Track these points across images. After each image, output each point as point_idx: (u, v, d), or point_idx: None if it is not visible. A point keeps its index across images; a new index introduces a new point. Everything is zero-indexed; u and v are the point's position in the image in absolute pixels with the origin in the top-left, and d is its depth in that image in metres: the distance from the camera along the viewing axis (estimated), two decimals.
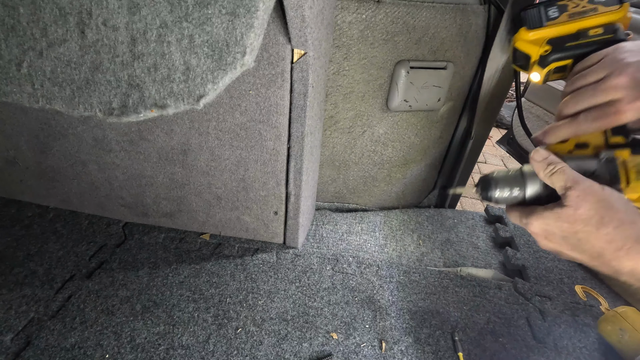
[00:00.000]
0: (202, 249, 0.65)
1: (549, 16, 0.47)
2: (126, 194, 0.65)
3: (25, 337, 0.50)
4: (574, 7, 0.46)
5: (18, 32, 0.33)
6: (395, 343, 0.52)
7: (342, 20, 0.57)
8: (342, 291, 0.60)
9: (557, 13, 0.47)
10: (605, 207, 0.33)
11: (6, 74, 0.35)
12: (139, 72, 0.34)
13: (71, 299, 0.55)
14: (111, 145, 0.58)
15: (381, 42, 0.60)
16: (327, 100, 0.66)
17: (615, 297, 0.65)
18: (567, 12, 0.46)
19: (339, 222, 0.75)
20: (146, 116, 0.36)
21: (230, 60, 0.32)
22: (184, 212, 0.66)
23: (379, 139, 0.72)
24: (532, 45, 0.48)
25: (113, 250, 0.64)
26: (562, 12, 0.46)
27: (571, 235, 0.34)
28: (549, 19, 0.47)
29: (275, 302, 0.57)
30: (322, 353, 0.50)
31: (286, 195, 0.59)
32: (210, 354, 0.49)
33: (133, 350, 0.49)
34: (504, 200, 0.43)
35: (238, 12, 0.30)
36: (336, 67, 0.62)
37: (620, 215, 0.32)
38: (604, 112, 0.37)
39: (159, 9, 0.31)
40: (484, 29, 0.64)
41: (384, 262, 0.66)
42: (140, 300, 0.55)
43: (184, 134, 0.55)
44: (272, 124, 0.51)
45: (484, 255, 0.71)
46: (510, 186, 0.42)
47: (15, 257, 0.61)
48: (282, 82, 0.47)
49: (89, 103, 0.36)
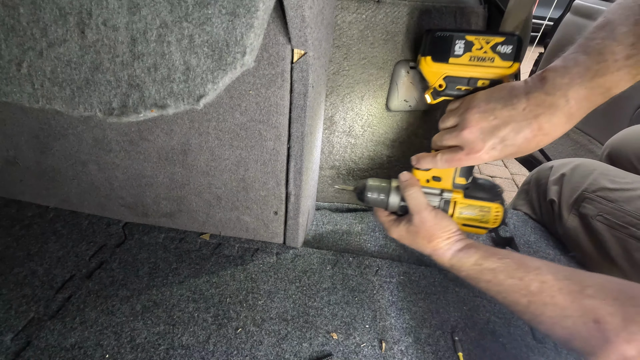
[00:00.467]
0: (202, 249, 0.66)
1: (454, 52, 0.49)
2: (126, 194, 0.65)
3: (25, 337, 0.50)
4: (477, 48, 0.49)
5: (18, 32, 0.33)
6: (395, 343, 0.52)
7: (342, 20, 0.57)
8: (342, 291, 0.60)
9: (462, 51, 0.49)
10: (432, 230, 0.51)
11: (6, 74, 0.35)
12: (139, 72, 0.34)
13: (71, 299, 0.55)
14: (111, 145, 0.58)
15: (381, 42, 0.60)
16: (327, 100, 0.66)
17: None
18: (470, 52, 0.49)
19: (339, 222, 0.75)
20: (146, 116, 0.36)
21: (230, 60, 0.32)
22: (184, 212, 0.66)
23: (379, 139, 0.72)
24: (432, 74, 0.51)
25: (113, 250, 0.64)
26: (466, 51, 0.49)
27: (413, 242, 0.54)
28: (453, 55, 0.49)
29: (275, 302, 0.57)
30: (322, 353, 0.51)
31: (286, 195, 0.59)
32: (210, 354, 0.49)
33: (133, 350, 0.49)
34: (373, 203, 0.58)
35: (238, 12, 0.30)
36: (336, 67, 0.62)
37: (438, 235, 0.51)
38: (452, 156, 0.48)
39: (159, 9, 0.31)
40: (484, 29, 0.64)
41: (384, 262, 0.66)
42: (140, 300, 0.55)
43: (184, 134, 0.55)
44: (272, 124, 0.51)
45: None
46: (378, 193, 0.57)
47: (15, 257, 0.61)
48: (282, 82, 0.47)
49: (89, 103, 0.36)
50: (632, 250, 0.62)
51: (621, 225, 0.64)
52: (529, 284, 0.41)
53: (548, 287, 0.40)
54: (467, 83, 0.50)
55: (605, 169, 0.73)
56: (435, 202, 0.56)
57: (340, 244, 0.70)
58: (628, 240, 0.63)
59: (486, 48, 0.48)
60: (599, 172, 0.72)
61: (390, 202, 0.57)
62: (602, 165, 0.74)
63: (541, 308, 0.41)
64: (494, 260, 0.46)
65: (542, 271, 0.41)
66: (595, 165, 0.75)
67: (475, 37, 0.48)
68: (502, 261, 0.45)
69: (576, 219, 0.72)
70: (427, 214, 0.52)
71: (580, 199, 0.71)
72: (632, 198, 0.65)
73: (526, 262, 0.43)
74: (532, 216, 0.85)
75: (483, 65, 0.49)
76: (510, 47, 0.47)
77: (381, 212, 0.59)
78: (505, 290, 0.44)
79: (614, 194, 0.67)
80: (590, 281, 0.39)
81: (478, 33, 0.48)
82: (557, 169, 0.80)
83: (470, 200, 0.55)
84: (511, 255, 0.45)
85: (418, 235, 0.54)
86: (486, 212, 0.55)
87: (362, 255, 0.68)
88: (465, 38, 0.48)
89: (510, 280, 0.43)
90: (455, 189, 0.56)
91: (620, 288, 0.38)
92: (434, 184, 0.56)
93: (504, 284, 0.44)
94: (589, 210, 0.69)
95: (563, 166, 0.79)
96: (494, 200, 0.55)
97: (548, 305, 0.40)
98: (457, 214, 0.56)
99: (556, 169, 0.80)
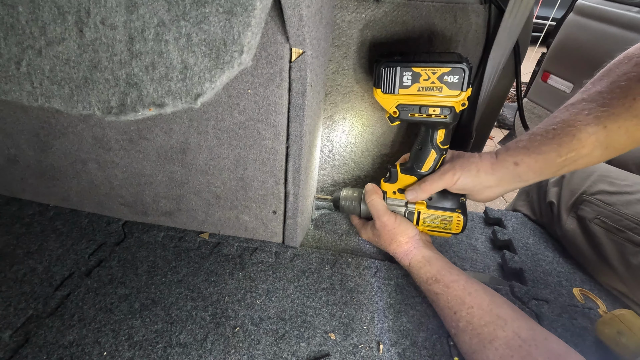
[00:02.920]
0: (201, 247, 0.66)
1: (402, 83, 0.51)
2: (126, 193, 0.65)
3: (23, 334, 0.50)
4: (425, 79, 0.50)
5: (17, 30, 0.34)
6: (392, 345, 0.52)
7: (341, 19, 0.57)
8: (341, 291, 0.60)
9: (410, 82, 0.51)
10: (391, 233, 0.60)
11: (5, 73, 0.36)
12: (137, 71, 0.34)
13: (70, 297, 0.55)
14: (111, 144, 0.59)
15: (381, 42, 0.60)
16: (327, 100, 0.66)
17: (613, 300, 0.65)
18: (418, 82, 0.51)
19: (338, 222, 0.75)
20: (144, 115, 0.36)
21: (227, 59, 0.32)
22: (183, 211, 0.66)
23: (379, 138, 0.72)
24: (385, 103, 0.54)
25: (112, 249, 0.64)
26: (414, 82, 0.51)
27: (378, 243, 0.64)
28: (402, 86, 0.52)
29: (273, 302, 0.57)
30: (319, 353, 0.50)
31: (285, 194, 0.59)
32: (207, 352, 0.49)
33: (131, 347, 0.49)
34: (347, 210, 0.69)
35: (235, 11, 0.30)
36: (335, 67, 0.62)
37: (397, 239, 0.60)
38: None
39: (156, 7, 0.31)
40: (484, 29, 0.64)
41: (382, 263, 0.66)
42: (138, 299, 0.56)
43: (182, 133, 0.55)
44: (271, 123, 0.51)
45: (483, 257, 0.71)
46: (351, 201, 0.67)
47: (15, 254, 0.61)
48: (280, 81, 0.47)
49: (87, 101, 0.36)
50: (628, 254, 0.62)
51: (618, 228, 0.64)
52: (458, 319, 0.48)
53: (470, 329, 0.46)
54: (418, 110, 0.53)
55: (605, 170, 0.72)
56: (401, 212, 0.63)
57: (340, 244, 0.70)
58: (625, 244, 0.63)
59: (433, 78, 0.50)
60: (599, 174, 0.71)
61: (362, 209, 0.66)
62: (603, 166, 0.74)
63: (461, 343, 0.48)
64: (440, 287, 0.52)
65: (474, 310, 0.47)
66: (596, 166, 0.74)
67: (422, 68, 0.49)
68: (448, 289, 0.51)
69: (574, 221, 0.71)
70: (386, 219, 0.60)
71: (578, 201, 0.71)
72: (630, 202, 0.65)
73: (464, 299, 0.49)
74: (532, 217, 0.84)
75: (432, 95, 0.51)
76: (457, 76, 0.49)
77: (354, 218, 0.70)
78: (442, 314, 0.52)
79: (612, 197, 0.67)
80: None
81: (425, 63, 0.49)
82: None
83: (433, 211, 0.61)
84: (457, 284, 0.51)
85: (381, 237, 0.62)
86: (448, 221, 0.61)
87: (361, 255, 0.68)
88: (412, 69, 0.50)
89: (446, 309, 0.51)
90: (418, 201, 0.62)
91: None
92: (400, 196, 0.62)
93: (442, 309, 0.52)
94: (587, 213, 0.69)
95: None
96: (456, 209, 0.60)
97: (466, 343, 0.47)
98: (421, 223, 0.62)
99: None
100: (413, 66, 0.50)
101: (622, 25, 1.40)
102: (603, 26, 1.47)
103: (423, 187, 0.58)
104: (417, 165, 0.59)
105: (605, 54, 0.50)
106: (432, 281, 0.53)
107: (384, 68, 0.51)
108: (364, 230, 0.66)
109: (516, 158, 0.51)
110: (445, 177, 0.56)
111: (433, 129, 0.55)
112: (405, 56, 0.51)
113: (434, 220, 0.61)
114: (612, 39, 1.41)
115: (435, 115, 0.53)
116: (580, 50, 1.55)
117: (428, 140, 0.56)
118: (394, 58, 0.51)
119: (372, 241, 0.66)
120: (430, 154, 0.57)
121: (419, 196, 0.59)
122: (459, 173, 0.55)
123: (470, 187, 0.56)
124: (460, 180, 0.55)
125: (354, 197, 0.67)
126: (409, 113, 0.53)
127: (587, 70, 1.82)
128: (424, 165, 0.58)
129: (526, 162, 0.51)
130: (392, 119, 0.55)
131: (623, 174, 0.71)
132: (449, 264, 0.55)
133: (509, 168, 0.52)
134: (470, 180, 0.55)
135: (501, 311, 0.46)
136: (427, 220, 0.62)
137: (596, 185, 0.70)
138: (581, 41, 1.55)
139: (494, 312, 0.46)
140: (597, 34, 1.48)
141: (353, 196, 0.67)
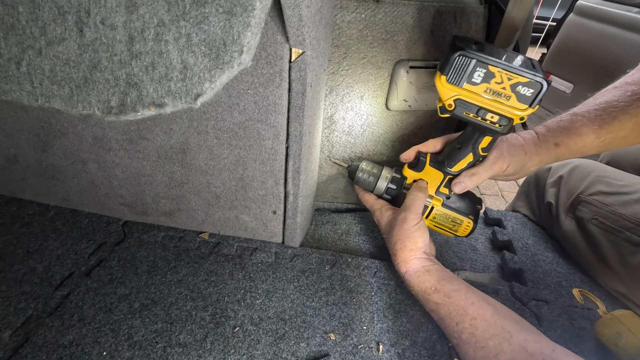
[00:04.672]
0: (201, 247, 0.66)
1: (471, 78, 0.47)
2: (126, 193, 0.65)
3: (23, 334, 0.50)
4: (497, 82, 0.46)
5: (17, 30, 0.34)
6: (392, 345, 0.52)
7: (341, 19, 0.57)
8: (341, 292, 0.60)
9: (480, 80, 0.46)
10: (404, 234, 0.57)
11: (6, 72, 0.36)
12: (137, 71, 0.34)
13: (70, 297, 0.55)
14: (111, 144, 0.59)
15: (380, 42, 0.60)
16: (326, 100, 0.66)
17: (613, 300, 0.65)
18: (488, 83, 0.46)
19: (338, 222, 0.75)
20: (144, 115, 0.36)
21: (227, 59, 0.32)
22: (183, 211, 0.66)
23: (379, 139, 0.72)
24: (443, 92, 0.49)
25: (112, 249, 0.64)
26: (484, 81, 0.46)
27: (384, 232, 0.62)
28: (470, 82, 0.47)
29: (273, 302, 0.57)
30: (319, 353, 0.50)
31: (285, 194, 0.59)
32: (207, 352, 0.49)
33: (130, 347, 0.49)
34: (362, 184, 0.65)
35: (235, 11, 0.30)
36: (335, 67, 0.62)
37: (405, 243, 0.57)
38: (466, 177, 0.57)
39: (156, 7, 0.31)
40: (484, 29, 0.64)
41: (382, 264, 0.66)
42: (138, 298, 0.56)
43: (182, 133, 0.55)
44: (271, 123, 0.51)
45: (482, 258, 0.71)
46: (369, 175, 0.63)
47: (15, 254, 0.61)
48: (280, 81, 0.47)
49: (87, 101, 0.36)
50: (626, 254, 0.62)
51: (616, 229, 0.64)
52: (461, 330, 0.46)
53: (474, 341, 0.45)
54: (476, 112, 0.49)
55: (602, 171, 0.72)
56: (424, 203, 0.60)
57: (339, 244, 0.70)
58: (623, 245, 0.63)
59: (506, 84, 0.45)
60: (596, 175, 0.72)
61: (378, 186, 0.63)
62: (600, 167, 0.74)
63: (463, 354, 0.46)
64: (440, 296, 0.50)
65: (477, 322, 0.46)
66: (593, 167, 0.74)
67: (499, 70, 0.45)
68: (449, 298, 0.50)
69: (572, 222, 0.72)
70: (413, 217, 0.56)
71: (576, 202, 0.71)
72: (627, 202, 0.65)
73: (466, 309, 0.47)
74: (532, 218, 0.84)
75: (497, 101, 0.47)
76: (532, 90, 0.45)
77: (364, 193, 0.67)
78: (442, 324, 0.50)
79: (610, 197, 0.67)
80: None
81: (504, 66, 0.44)
82: (556, 170, 0.80)
83: (447, 210, 0.60)
84: (459, 294, 0.50)
85: (392, 230, 0.58)
86: (458, 224, 0.60)
87: (361, 256, 0.68)
88: (487, 67, 0.45)
89: (448, 320, 0.48)
90: (436, 196, 0.60)
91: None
92: None
93: (443, 319, 0.49)
94: (585, 214, 0.69)
95: (561, 168, 0.78)
96: (469, 215, 0.59)
97: (469, 355, 0.45)
98: (430, 217, 0.61)
99: (554, 171, 0.80)
100: (490, 64, 0.45)
101: (622, 25, 1.40)
102: (603, 26, 1.47)
103: (474, 179, 0.55)
104: (449, 163, 0.57)
105: (605, 54, 0.51)
106: (432, 291, 0.51)
107: (459, 56, 0.45)
108: (383, 211, 0.62)
109: (557, 139, 0.52)
110: (495, 167, 0.54)
111: (481, 133, 0.52)
112: (481, 47, 0.46)
113: (444, 218, 0.60)
114: (612, 40, 1.41)
115: (490, 122, 0.49)
116: (581, 50, 1.55)
117: (471, 142, 0.53)
118: (471, 46, 0.46)
119: (379, 221, 0.63)
120: (468, 156, 0.54)
121: (467, 187, 0.56)
122: (508, 160, 0.53)
123: (516, 170, 0.55)
124: (510, 167, 0.54)
125: (373, 172, 0.63)
126: (464, 111, 0.49)
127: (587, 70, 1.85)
128: (457, 165, 0.56)
129: (566, 143, 0.51)
130: (444, 111, 0.50)
131: (620, 174, 0.71)
132: (449, 273, 0.54)
133: (550, 149, 0.53)
134: (518, 165, 0.54)
135: (506, 323, 0.44)
136: (437, 217, 0.60)
137: (593, 185, 0.70)
138: (581, 41, 1.55)
139: (499, 323, 0.44)
140: (597, 34, 1.48)
141: (372, 172, 0.64)
